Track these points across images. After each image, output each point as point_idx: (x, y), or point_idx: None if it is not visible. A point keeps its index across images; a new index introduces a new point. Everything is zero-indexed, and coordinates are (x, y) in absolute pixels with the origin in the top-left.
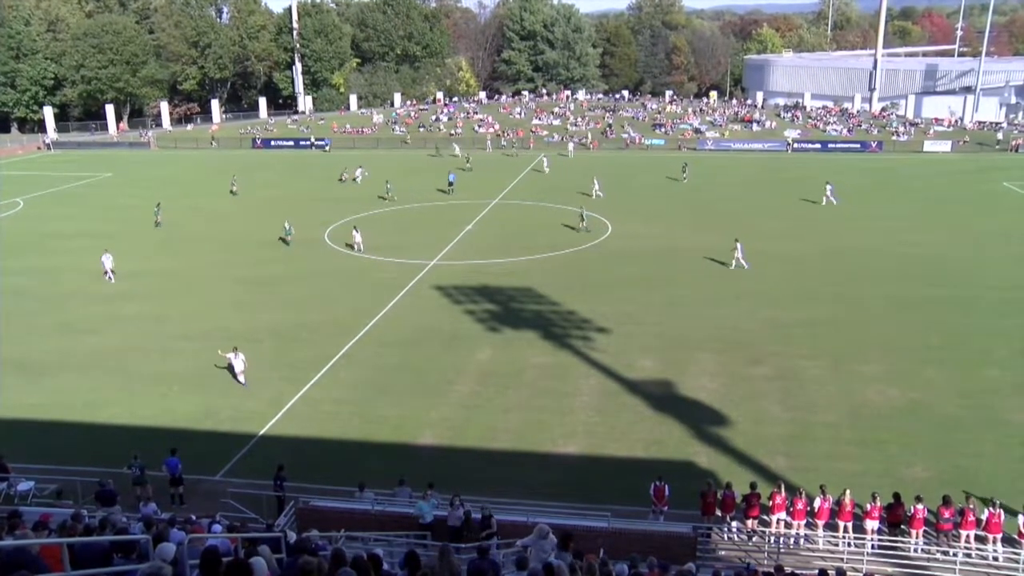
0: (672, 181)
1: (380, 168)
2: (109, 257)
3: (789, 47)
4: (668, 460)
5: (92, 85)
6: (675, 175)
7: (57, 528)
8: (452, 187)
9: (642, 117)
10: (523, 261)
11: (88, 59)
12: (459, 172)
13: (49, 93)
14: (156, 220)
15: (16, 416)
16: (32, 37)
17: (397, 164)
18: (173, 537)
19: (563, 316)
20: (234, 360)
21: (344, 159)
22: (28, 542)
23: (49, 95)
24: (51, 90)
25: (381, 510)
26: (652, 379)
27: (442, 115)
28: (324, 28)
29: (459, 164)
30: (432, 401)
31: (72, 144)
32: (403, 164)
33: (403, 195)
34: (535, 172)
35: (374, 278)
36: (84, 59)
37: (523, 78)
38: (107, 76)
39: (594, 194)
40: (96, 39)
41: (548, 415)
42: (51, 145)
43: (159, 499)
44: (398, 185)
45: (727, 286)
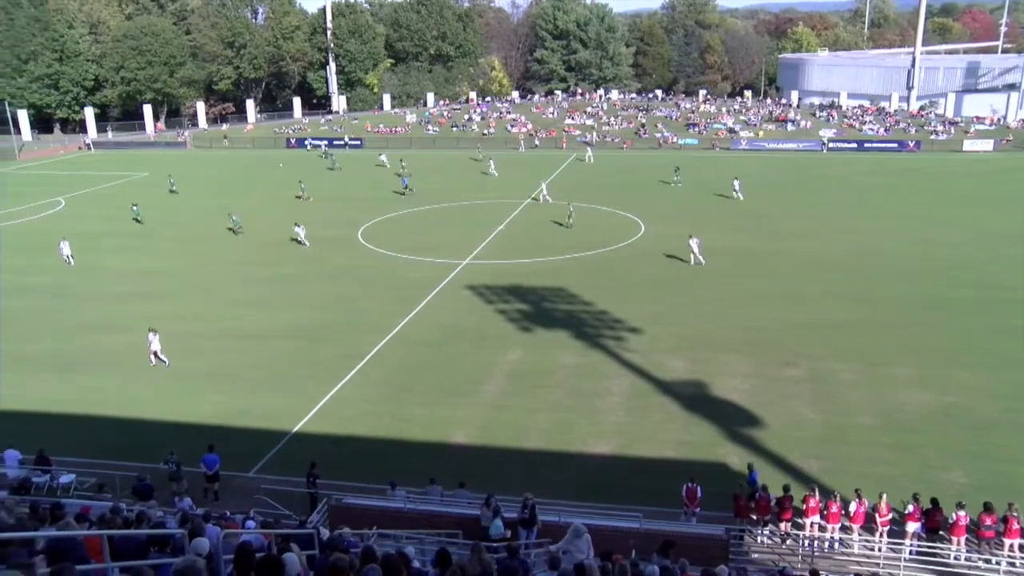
0: (703, 181)
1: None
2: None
3: (825, 46)
4: (699, 461)
5: (131, 86)
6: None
7: (97, 520)
8: (409, 189)
9: (675, 117)
10: (555, 261)
11: (127, 60)
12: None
13: (90, 94)
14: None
15: (53, 411)
16: (75, 40)
17: (429, 164)
18: (208, 532)
19: (595, 316)
20: (152, 339)
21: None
22: (74, 533)
23: (90, 96)
24: (92, 91)
25: (412, 508)
26: (683, 380)
27: (475, 115)
28: (358, 28)
29: (482, 168)
30: (462, 401)
31: (111, 144)
32: (435, 163)
33: (435, 195)
34: (567, 172)
35: (405, 277)
36: (124, 60)
37: (556, 78)
38: (145, 77)
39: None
40: (135, 41)
41: (578, 415)
42: (91, 145)
43: (193, 494)
44: (430, 185)
45: (757, 287)
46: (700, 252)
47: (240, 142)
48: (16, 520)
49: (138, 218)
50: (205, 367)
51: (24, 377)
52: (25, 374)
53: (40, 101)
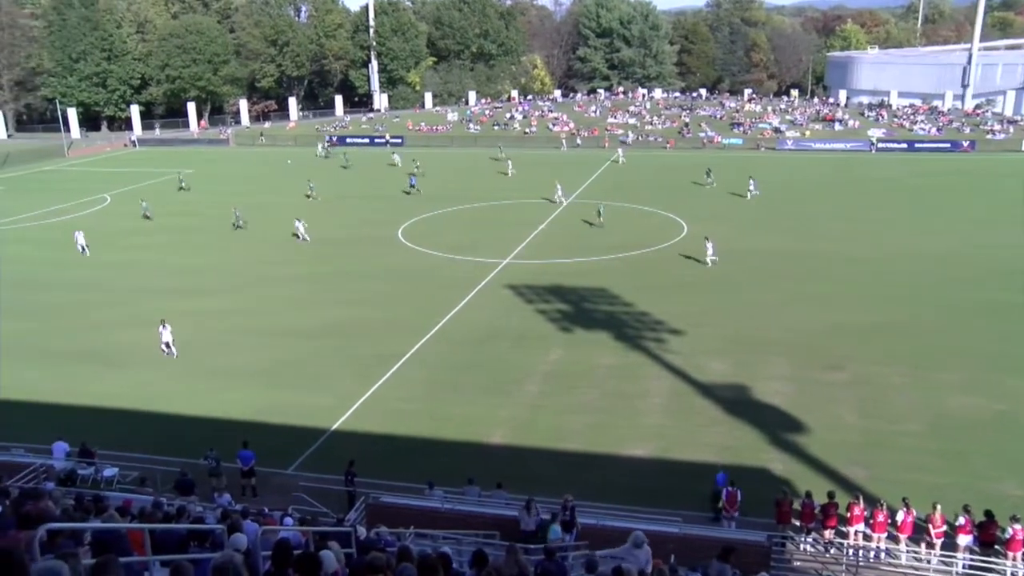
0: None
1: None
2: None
3: (875, 43)
4: (741, 466)
5: (176, 84)
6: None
7: (138, 514)
8: (415, 188)
9: (720, 116)
10: (597, 261)
11: (172, 59)
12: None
13: (136, 92)
14: (236, 223)
15: (96, 404)
16: (123, 39)
17: (471, 163)
18: (246, 528)
19: (635, 317)
20: (162, 332)
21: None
22: (119, 526)
23: (136, 94)
24: (138, 89)
25: (450, 508)
26: (724, 382)
27: (516, 113)
28: (400, 26)
29: (501, 168)
30: (501, 400)
31: (155, 141)
32: (475, 162)
33: (476, 194)
34: (609, 171)
35: (445, 276)
36: (169, 59)
37: (598, 76)
38: (190, 75)
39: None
40: (180, 39)
41: (618, 417)
42: (136, 142)
43: (232, 490)
44: (471, 184)
45: (801, 288)
46: (714, 253)
47: (283, 140)
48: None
49: (147, 214)
50: (245, 363)
51: (70, 370)
52: (71, 367)
53: (88, 99)
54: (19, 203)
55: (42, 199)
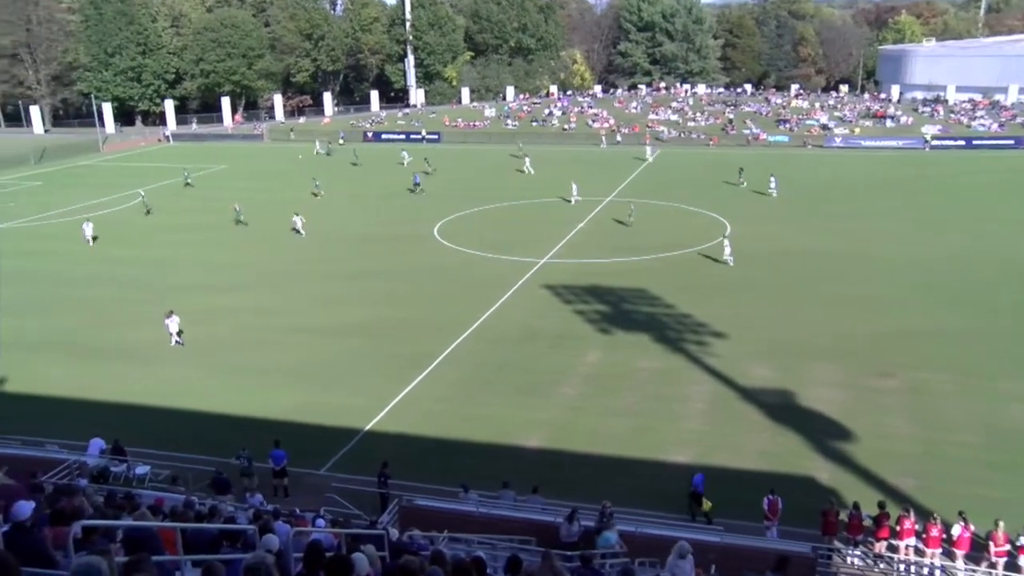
0: (793, 180)
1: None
2: (175, 321)
3: (931, 35)
4: (784, 474)
5: (210, 78)
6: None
7: (169, 512)
8: (419, 187)
9: (765, 112)
10: (637, 261)
11: (207, 53)
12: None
13: (170, 87)
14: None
15: (132, 402)
16: (158, 33)
17: (497, 160)
18: (278, 529)
19: (677, 319)
20: (169, 322)
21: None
22: (153, 524)
23: (170, 88)
24: (172, 84)
25: (484, 512)
26: (768, 387)
27: (555, 109)
28: (437, 20)
29: (518, 166)
30: (538, 402)
31: (189, 136)
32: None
33: (515, 192)
34: (649, 169)
35: (482, 275)
36: (203, 53)
37: (640, 71)
38: (224, 69)
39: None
40: (215, 33)
41: (657, 421)
42: (170, 137)
43: (264, 490)
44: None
45: (851, 291)
46: (731, 253)
47: (317, 135)
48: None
49: (148, 209)
50: (279, 362)
51: (103, 367)
52: (104, 364)
53: (123, 94)
54: (55, 198)
55: (77, 194)
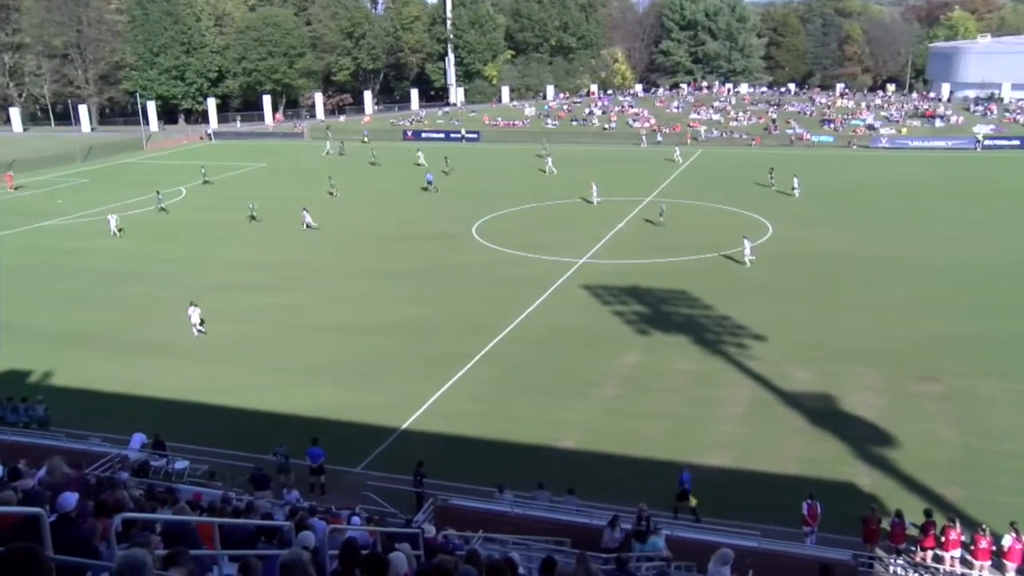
0: (836, 181)
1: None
2: (197, 312)
3: (986, 31)
4: (824, 479)
5: (252, 77)
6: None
7: (207, 507)
8: (432, 185)
9: (809, 112)
10: (676, 262)
11: (249, 51)
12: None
13: (213, 85)
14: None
15: (171, 398)
16: (201, 32)
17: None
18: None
19: (716, 321)
20: (192, 313)
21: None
22: (190, 518)
23: (212, 87)
24: (215, 82)
25: (519, 513)
26: (809, 392)
27: (595, 108)
28: (478, 19)
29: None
30: (574, 403)
31: (230, 134)
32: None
33: (556, 191)
34: (691, 169)
35: (519, 275)
36: (245, 51)
37: (681, 70)
38: (266, 68)
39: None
40: (257, 32)
41: (695, 424)
42: (212, 135)
43: (300, 487)
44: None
45: (895, 295)
46: (751, 253)
47: (357, 134)
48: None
49: (163, 207)
50: (316, 360)
51: (145, 362)
52: (146, 359)
53: (167, 92)
54: (101, 196)
55: (122, 191)
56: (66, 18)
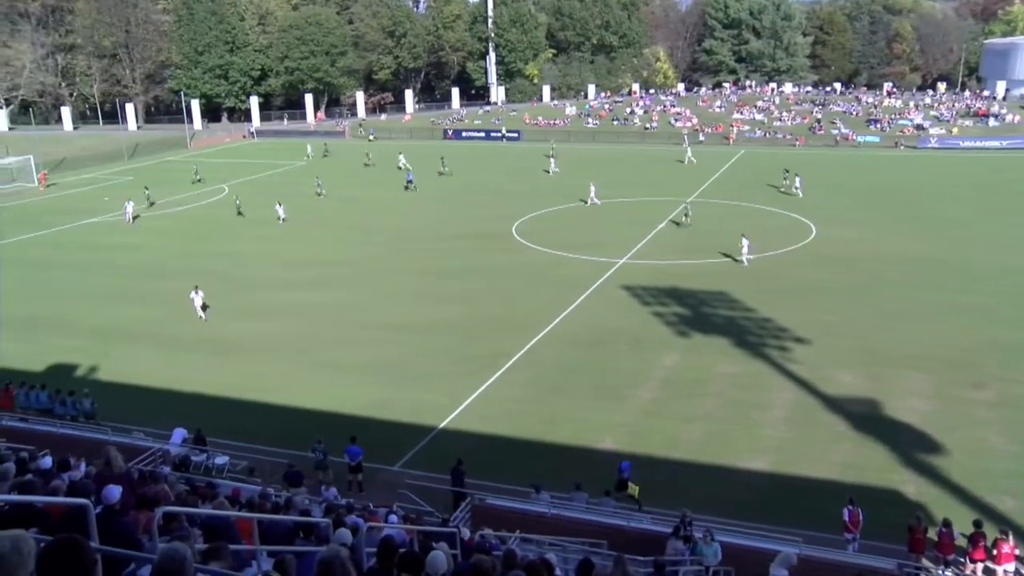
0: (883, 182)
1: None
2: (200, 296)
3: None
4: (868, 486)
5: (294, 75)
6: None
7: (246, 503)
8: (412, 184)
9: (855, 112)
10: (718, 263)
11: (292, 50)
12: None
13: (255, 84)
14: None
15: (213, 393)
16: (245, 31)
17: (585, 157)
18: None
19: (758, 323)
20: (195, 297)
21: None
22: (230, 513)
23: (255, 85)
24: (257, 81)
25: (556, 514)
26: (853, 396)
27: (637, 108)
28: (519, 17)
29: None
30: (613, 405)
31: (271, 133)
32: (594, 157)
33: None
34: (734, 169)
35: (559, 275)
36: (288, 50)
37: (724, 69)
38: (308, 66)
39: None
40: (300, 31)
41: (735, 427)
42: (254, 134)
43: (338, 484)
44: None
45: (946, 299)
46: (748, 252)
47: (397, 132)
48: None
49: (151, 201)
50: (356, 357)
51: (187, 358)
52: (189, 355)
53: (211, 91)
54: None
55: (165, 189)
56: (115, 19)
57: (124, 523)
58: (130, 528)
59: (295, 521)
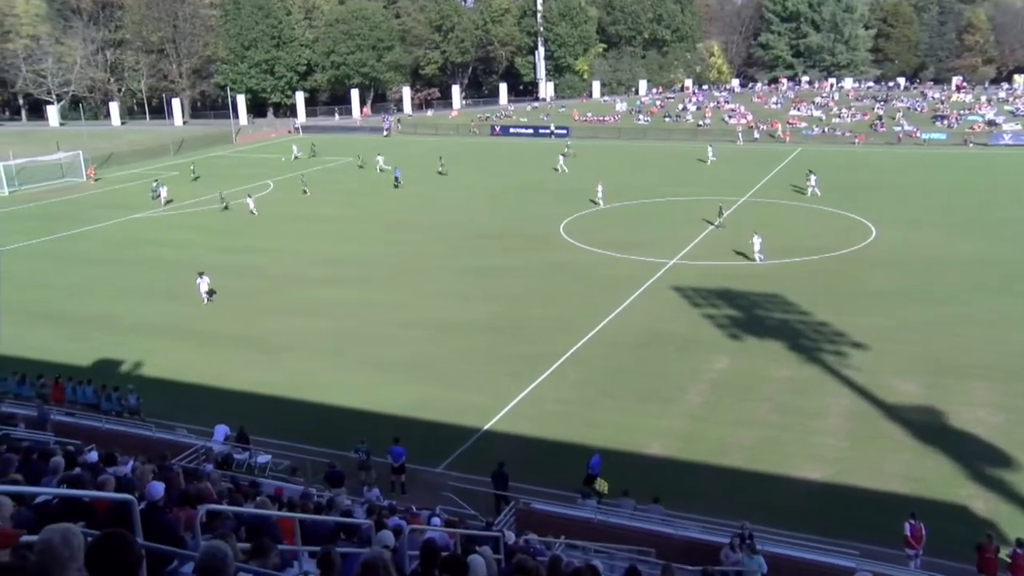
0: (952, 182)
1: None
2: (205, 281)
3: None
4: (932, 500)
5: (340, 70)
6: (953, 174)
7: (288, 502)
8: (399, 181)
9: (920, 108)
10: (772, 264)
11: (338, 45)
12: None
13: (301, 79)
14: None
15: (255, 391)
16: (291, 26)
17: (639, 155)
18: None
19: (813, 327)
20: (200, 282)
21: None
22: (272, 513)
23: (301, 80)
24: (303, 76)
25: (603, 520)
26: (915, 405)
27: (689, 104)
28: (569, 11)
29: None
30: (661, 409)
31: (317, 128)
32: (645, 156)
33: (642, 190)
34: (788, 167)
35: (607, 275)
36: (334, 45)
37: (781, 64)
38: (354, 61)
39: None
40: (346, 25)
41: (788, 434)
42: (300, 129)
43: (381, 485)
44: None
45: (1011, 305)
46: (760, 250)
47: (444, 129)
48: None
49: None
50: (401, 356)
51: (230, 354)
52: (231, 351)
53: (257, 86)
54: (190, 188)
55: (210, 185)
56: (164, 14)
57: (167, 520)
58: (173, 525)
59: (337, 522)
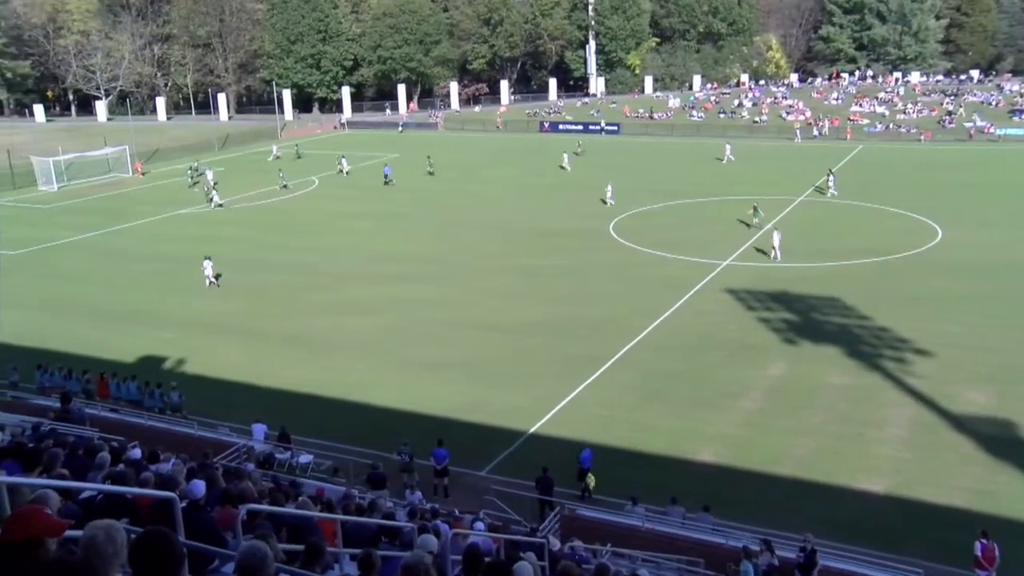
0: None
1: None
2: (210, 264)
3: None
4: (1004, 518)
5: (387, 65)
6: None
7: (329, 504)
8: (388, 179)
9: (995, 102)
10: (830, 267)
11: (385, 39)
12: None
13: (348, 74)
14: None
15: (298, 390)
16: (338, 19)
17: (688, 153)
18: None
19: (873, 333)
20: (206, 265)
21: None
22: (314, 514)
23: (347, 75)
24: (349, 71)
25: (650, 528)
26: (984, 416)
27: (746, 100)
28: (621, 4)
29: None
30: (713, 415)
31: (363, 124)
32: (698, 154)
33: (696, 189)
34: (850, 167)
35: (659, 276)
36: (381, 39)
37: (843, 58)
38: (401, 55)
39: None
40: (393, 19)
41: (846, 444)
42: (345, 124)
43: (423, 488)
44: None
45: None
46: (779, 247)
47: (491, 125)
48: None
49: (195, 179)
50: (447, 356)
51: (274, 352)
52: (275, 349)
53: (302, 81)
54: (236, 183)
55: (256, 180)
56: (211, 8)
57: (208, 518)
58: (213, 523)
59: (379, 524)
